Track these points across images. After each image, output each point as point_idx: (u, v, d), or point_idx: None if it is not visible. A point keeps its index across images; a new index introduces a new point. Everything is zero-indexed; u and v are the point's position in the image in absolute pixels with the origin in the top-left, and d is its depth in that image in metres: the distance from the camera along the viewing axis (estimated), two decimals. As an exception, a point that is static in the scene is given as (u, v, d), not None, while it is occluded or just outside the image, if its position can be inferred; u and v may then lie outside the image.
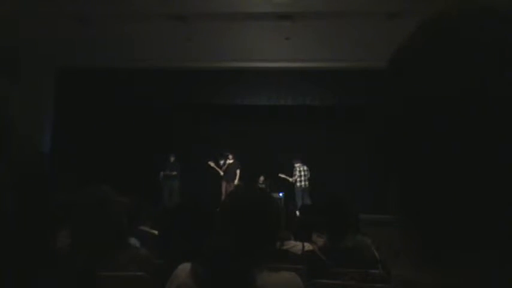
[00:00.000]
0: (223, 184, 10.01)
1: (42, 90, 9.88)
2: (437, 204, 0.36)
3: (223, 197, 9.21)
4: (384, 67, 0.42)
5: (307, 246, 2.77)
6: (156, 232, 3.23)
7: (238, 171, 9.93)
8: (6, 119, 0.87)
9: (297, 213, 4.34)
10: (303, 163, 9.93)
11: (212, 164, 10.12)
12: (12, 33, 8.07)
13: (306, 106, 10.36)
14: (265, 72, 10.05)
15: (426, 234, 0.37)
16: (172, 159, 10.15)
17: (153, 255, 1.99)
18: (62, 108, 10.33)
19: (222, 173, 10.05)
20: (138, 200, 3.42)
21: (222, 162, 10.12)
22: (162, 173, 10.09)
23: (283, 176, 10.05)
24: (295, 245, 2.80)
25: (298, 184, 9.83)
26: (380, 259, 2.44)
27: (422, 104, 0.36)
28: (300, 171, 9.85)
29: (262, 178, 9.91)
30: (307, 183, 9.83)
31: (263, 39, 8.59)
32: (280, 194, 9.21)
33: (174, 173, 10.05)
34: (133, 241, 2.62)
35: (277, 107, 10.47)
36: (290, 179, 9.98)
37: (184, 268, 1.26)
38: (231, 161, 10.03)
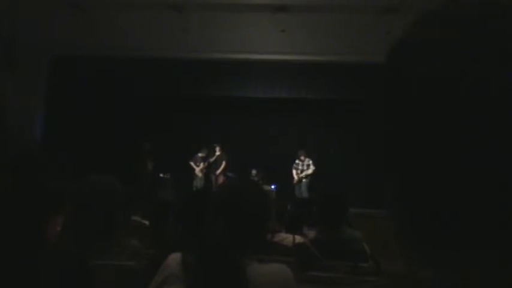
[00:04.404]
0: (212, 177, 10.08)
1: (35, 77, 9.77)
2: (437, 203, 0.35)
3: (213, 187, 9.24)
4: (382, 61, 0.41)
5: (298, 238, 2.78)
6: (147, 222, 3.24)
7: (224, 163, 9.95)
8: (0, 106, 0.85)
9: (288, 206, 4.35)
10: (308, 156, 9.85)
11: (202, 154, 10.13)
12: (8, 21, 7.96)
13: (301, 99, 10.32)
14: (261, 64, 9.99)
15: (425, 232, 0.37)
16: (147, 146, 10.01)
17: (144, 245, 1.99)
18: (55, 96, 10.23)
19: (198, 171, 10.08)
20: (130, 190, 3.42)
21: (206, 155, 10.12)
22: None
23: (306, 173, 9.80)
24: (286, 238, 2.81)
25: (304, 179, 9.72)
26: (370, 253, 2.45)
27: (421, 98, 0.36)
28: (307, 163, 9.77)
29: (254, 171, 9.91)
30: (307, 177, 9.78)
31: (259, 31, 8.54)
32: (273, 187, 9.22)
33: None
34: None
35: (272, 99, 10.42)
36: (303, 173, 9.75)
37: (174, 258, 1.26)
38: (218, 153, 10.04)
